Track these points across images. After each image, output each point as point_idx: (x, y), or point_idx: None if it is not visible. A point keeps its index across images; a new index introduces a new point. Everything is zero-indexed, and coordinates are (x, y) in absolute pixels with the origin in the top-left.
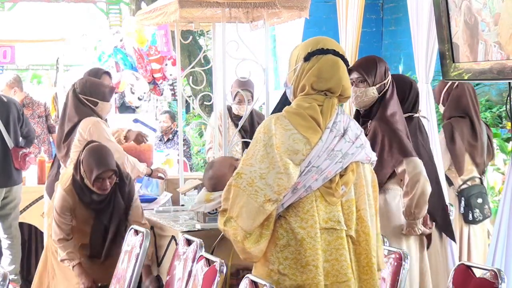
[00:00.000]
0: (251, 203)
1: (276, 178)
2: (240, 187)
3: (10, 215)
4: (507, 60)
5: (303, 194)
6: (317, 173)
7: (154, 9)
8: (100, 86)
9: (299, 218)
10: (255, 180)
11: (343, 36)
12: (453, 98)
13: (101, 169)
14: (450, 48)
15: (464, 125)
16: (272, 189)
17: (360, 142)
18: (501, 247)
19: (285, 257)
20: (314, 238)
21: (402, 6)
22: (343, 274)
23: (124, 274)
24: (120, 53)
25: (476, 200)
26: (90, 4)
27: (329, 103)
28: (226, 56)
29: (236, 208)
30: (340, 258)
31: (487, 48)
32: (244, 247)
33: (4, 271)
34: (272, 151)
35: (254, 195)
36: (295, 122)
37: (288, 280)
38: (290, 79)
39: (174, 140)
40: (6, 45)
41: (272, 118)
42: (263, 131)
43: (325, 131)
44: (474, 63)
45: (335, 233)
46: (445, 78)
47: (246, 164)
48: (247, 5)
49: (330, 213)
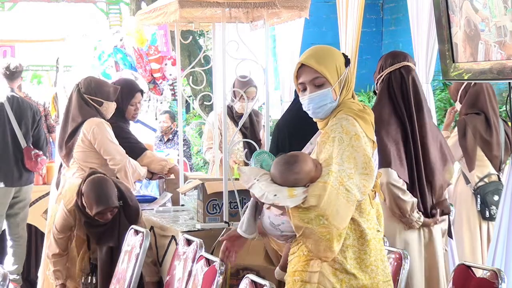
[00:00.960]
0: (343, 203)
1: (362, 179)
2: (333, 186)
3: (18, 215)
4: (507, 60)
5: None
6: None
7: (154, 9)
8: (105, 85)
9: (365, 219)
10: (344, 179)
11: (343, 36)
12: (470, 95)
13: (101, 207)
14: (450, 48)
15: (478, 122)
16: (359, 189)
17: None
18: (501, 247)
19: (350, 256)
20: (376, 239)
21: (402, 6)
22: (387, 274)
23: (124, 274)
24: (120, 52)
25: (493, 197)
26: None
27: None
28: (226, 56)
29: (331, 207)
30: (383, 259)
31: (487, 48)
32: (332, 246)
33: (4, 271)
34: (355, 152)
35: (346, 194)
36: (362, 125)
37: (354, 279)
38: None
39: (174, 140)
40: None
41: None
42: (343, 132)
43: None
44: (474, 63)
45: (378, 235)
46: (445, 78)
47: (335, 163)
48: (247, 5)
49: (372, 215)
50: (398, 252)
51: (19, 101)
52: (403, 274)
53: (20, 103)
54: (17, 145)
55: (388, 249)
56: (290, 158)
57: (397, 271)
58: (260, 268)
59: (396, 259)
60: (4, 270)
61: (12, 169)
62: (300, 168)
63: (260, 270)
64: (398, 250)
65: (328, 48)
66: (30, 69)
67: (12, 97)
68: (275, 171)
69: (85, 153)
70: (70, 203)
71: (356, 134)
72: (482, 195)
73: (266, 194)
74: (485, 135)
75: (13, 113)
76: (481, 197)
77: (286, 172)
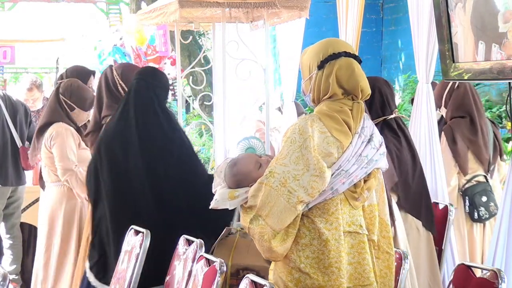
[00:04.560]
0: (282, 203)
1: (311, 181)
2: (272, 187)
3: (13, 215)
4: (507, 60)
5: (329, 196)
6: (345, 177)
7: (154, 9)
8: (84, 92)
9: (324, 219)
10: (288, 180)
11: (343, 36)
12: (454, 99)
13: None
14: (450, 48)
15: (464, 125)
16: (306, 191)
17: (383, 149)
18: (501, 247)
19: (306, 255)
20: (338, 241)
21: (402, 6)
22: (366, 278)
23: (124, 274)
24: (118, 52)
25: (481, 198)
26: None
27: (358, 107)
28: (226, 56)
29: (267, 207)
30: (363, 262)
31: (487, 48)
32: (270, 246)
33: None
34: (308, 153)
35: (287, 195)
36: (329, 125)
37: (309, 279)
38: (307, 88)
39: None
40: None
41: (308, 119)
42: (298, 132)
43: (354, 136)
44: (474, 63)
45: (358, 237)
46: (445, 78)
47: (279, 164)
48: (247, 5)
49: (353, 217)
50: (398, 252)
51: (11, 99)
52: (403, 274)
53: (13, 102)
54: (13, 145)
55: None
56: (232, 161)
57: (397, 271)
58: (260, 268)
59: (396, 259)
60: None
61: (10, 169)
62: (237, 170)
63: (260, 270)
64: (398, 250)
65: (319, 44)
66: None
67: (4, 95)
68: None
69: (49, 158)
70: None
71: (311, 135)
72: (470, 196)
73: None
74: (472, 137)
75: (8, 112)
76: (469, 199)
77: (228, 175)
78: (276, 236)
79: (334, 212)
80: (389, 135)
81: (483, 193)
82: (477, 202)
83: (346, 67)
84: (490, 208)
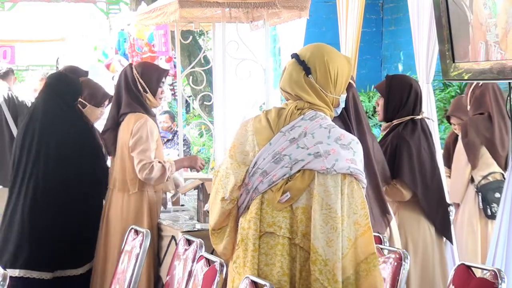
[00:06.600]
0: (214, 200)
1: (225, 178)
2: (214, 185)
3: None
4: (507, 60)
5: (254, 195)
6: (262, 176)
7: (154, 9)
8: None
9: (245, 219)
10: (221, 177)
11: (343, 36)
12: (476, 97)
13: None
14: (450, 48)
15: (480, 120)
16: (225, 187)
17: (316, 150)
18: (501, 247)
19: (237, 255)
20: (248, 241)
21: (402, 6)
22: (276, 280)
23: (124, 274)
24: (121, 36)
25: (494, 194)
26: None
27: (291, 106)
28: (226, 56)
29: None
30: (277, 264)
31: (487, 48)
32: (212, 243)
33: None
34: (228, 152)
35: (215, 191)
36: (254, 124)
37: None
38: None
39: (174, 140)
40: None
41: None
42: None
43: (277, 134)
44: (474, 63)
45: (276, 238)
46: (445, 78)
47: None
48: (247, 5)
49: (275, 218)
50: (398, 252)
51: (15, 101)
52: (403, 274)
53: (16, 103)
54: None
55: (388, 249)
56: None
57: (397, 271)
58: None
59: (396, 259)
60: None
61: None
62: None
63: None
64: (398, 250)
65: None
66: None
67: (8, 97)
68: None
69: None
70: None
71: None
72: (484, 193)
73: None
74: (487, 133)
75: (10, 113)
76: (482, 195)
77: None
78: (214, 234)
79: (254, 211)
80: (410, 133)
81: (497, 190)
82: (489, 199)
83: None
84: None
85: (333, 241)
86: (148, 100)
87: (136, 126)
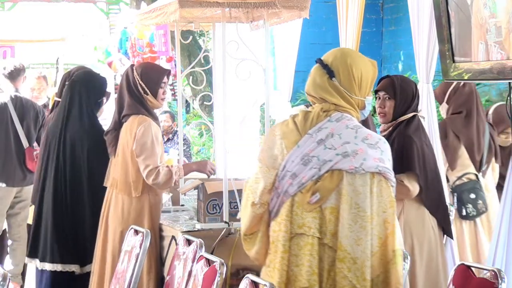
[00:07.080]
0: (244, 206)
1: (255, 183)
2: (245, 191)
3: (19, 215)
4: (507, 60)
5: (284, 198)
6: (292, 178)
7: (154, 9)
8: None
9: (276, 222)
10: (251, 183)
11: (343, 36)
12: (461, 95)
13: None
14: (450, 48)
15: (459, 120)
16: (255, 192)
17: (343, 150)
18: (501, 247)
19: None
20: (278, 243)
21: (402, 6)
22: (306, 280)
23: (124, 274)
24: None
25: (469, 195)
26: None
27: (317, 109)
28: (226, 56)
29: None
30: (306, 264)
31: (487, 48)
32: (245, 248)
33: (4, 271)
34: (257, 156)
35: (246, 198)
36: (281, 128)
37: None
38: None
39: (174, 140)
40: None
41: (273, 126)
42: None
43: (304, 137)
44: (474, 63)
45: (305, 239)
46: (445, 78)
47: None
48: (247, 5)
49: (305, 219)
50: None
51: (22, 101)
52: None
53: (23, 103)
54: (19, 146)
55: None
56: None
57: None
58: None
59: None
60: (4, 270)
61: (15, 170)
62: None
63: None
64: None
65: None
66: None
67: (15, 97)
68: None
69: None
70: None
71: (265, 140)
72: (459, 193)
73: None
74: (465, 130)
75: (16, 113)
76: (458, 195)
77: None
78: (246, 239)
79: (285, 214)
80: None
81: (472, 190)
82: (464, 199)
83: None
84: (477, 206)
85: (361, 240)
86: (149, 101)
87: (140, 130)
